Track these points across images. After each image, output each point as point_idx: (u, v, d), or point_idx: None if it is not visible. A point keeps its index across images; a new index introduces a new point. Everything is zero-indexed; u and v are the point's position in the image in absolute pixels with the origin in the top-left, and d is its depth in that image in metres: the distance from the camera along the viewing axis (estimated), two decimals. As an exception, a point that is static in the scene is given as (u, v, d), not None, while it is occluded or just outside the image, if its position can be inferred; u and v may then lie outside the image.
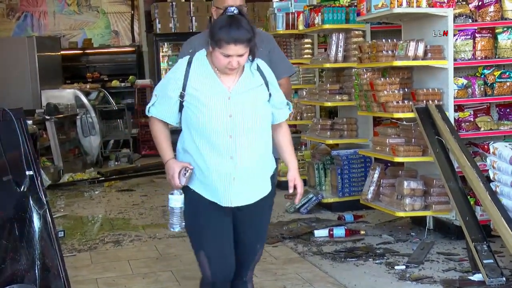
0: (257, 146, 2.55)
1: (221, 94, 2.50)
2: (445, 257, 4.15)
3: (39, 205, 2.64)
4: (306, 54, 6.45)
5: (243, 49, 2.42)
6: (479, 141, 4.69)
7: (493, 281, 3.54)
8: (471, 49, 4.58)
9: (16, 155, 2.63)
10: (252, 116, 2.51)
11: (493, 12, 4.59)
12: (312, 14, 5.92)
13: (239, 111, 2.50)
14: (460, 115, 4.64)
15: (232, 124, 2.48)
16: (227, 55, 2.41)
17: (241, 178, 2.52)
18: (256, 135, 2.54)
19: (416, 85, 4.77)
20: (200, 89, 2.50)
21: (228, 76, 2.52)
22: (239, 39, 2.39)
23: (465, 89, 4.59)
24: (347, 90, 5.51)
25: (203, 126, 2.49)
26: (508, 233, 3.64)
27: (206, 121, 2.48)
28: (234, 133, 2.48)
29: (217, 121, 2.48)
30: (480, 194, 3.91)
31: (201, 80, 2.52)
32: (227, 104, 2.49)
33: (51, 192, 6.80)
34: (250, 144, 2.52)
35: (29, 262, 2.53)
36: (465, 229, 3.86)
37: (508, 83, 4.65)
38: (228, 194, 2.52)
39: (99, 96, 9.50)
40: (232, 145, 2.49)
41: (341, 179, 5.49)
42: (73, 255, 4.60)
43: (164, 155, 2.59)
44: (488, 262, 3.64)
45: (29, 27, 10.61)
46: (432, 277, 3.78)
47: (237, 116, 2.49)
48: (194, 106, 2.50)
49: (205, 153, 2.51)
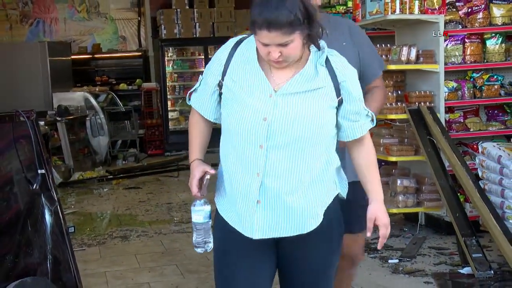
0: (299, 164, 1.81)
1: (263, 90, 1.81)
2: (436, 251, 4.15)
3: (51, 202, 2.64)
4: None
5: (282, 36, 1.68)
6: (469, 141, 4.70)
7: (482, 274, 3.54)
8: (461, 53, 4.59)
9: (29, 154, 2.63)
10: (299, 125, 1.78)
11: (481, 18, 4.59)
12: (310, 21, 5.91)
13: (280, 116, 1.79)
14: (450, 117, 4.64)
15: (266, 131, 1.79)
16: (263, 43, 1.73)
17: (269, 203, 1.83)
18: (301, 150, 1.80)
19: (409, 87, 4.77)
20: (238, 81, 1.84)
21: (282, 70, 1.81)
22: (274, 22, 1.66)
23: (455, 91, 4.60)
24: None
25: (232, 129, 1.85)
26: (496, 228, 3.64)
27: (235, 122, 1.83)
28: (268, 143, 1.79)
29: (248, 124, 1.80)
30: (469, 192, 3.91)
31: (243, 70, 1.85)
32: (265, 104, 1.80)
33: (62, 190, 6.80)
34: (288, 161, 1.80)
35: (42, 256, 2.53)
36: (455, 224, 3.87)
37: (495, 86, 4.65)
38: (250, 222, 1.84)
39: (108, 98, 9.50)
40: (262, 158, 1.80)
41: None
42: (82, 250, 4.60)
43: (190, 155, 1.98)
44: (477, 256, 3.64)
45: (41, 32, 10.61)
46: (424, 270, 3.78)
47: (275, 121, 1.78)
48: (228, 101, 1.86)
49: (231, 166, 1.88)
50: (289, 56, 1.76)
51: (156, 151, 9.56)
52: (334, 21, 2.26)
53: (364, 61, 2.30)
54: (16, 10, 10.50)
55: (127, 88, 10.33)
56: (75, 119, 8.18)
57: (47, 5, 10.59)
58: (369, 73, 2.37)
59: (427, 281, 3.61)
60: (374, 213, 1.93)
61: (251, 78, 1.83)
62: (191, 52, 10.26)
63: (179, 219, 5.46)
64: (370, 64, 2.35)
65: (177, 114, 10.13)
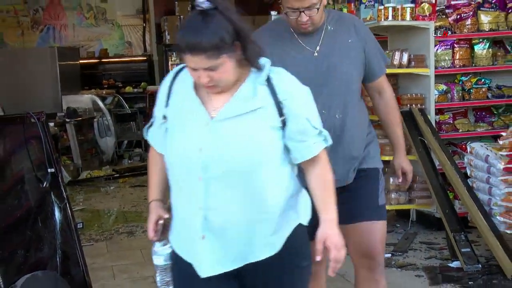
0: (243, 194, 1.59)
1: (199, 118, 1.62)
2: (427, 246, 4.15)
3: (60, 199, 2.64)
4: (301, 63, 6.45)
5: (207, 60, 1.51)
6: (458, 141, 4.70)
7: (470, 268, 3.54)
8: (450, 58, 4.59)
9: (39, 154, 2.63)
10: (236, 151, 1.57)
11: (470, 25, 4.59)
12: (306, 27, 5.91)
13: (216, 144, 1.58)
14: (440, 118, 4.64)
15: (203, 161, 1.58)
16: (191, 68, 1.56)
17: (215, 238, 1.61)
18: (243, 179, 1.58)
19: (401, 90, 4.77)
20: (176, 111, 1.67)
21: (220, 94, 1.62)
22: (196, 46, 1.50)
23: (445, 94, 4.60)
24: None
25: (172, 162, 1.67)
26: (484, 224, 3.65)
27: (172, 154, 1.66)
28: (206, 174, 1.58)
29: (183, 155, 1.62)
30: (458, 189, 3.92)
31: (181, 99, 1.67)
32: (201, 133, 1.60)
33: (71, 188, 6.79)
34: (230, 192, 1.59)
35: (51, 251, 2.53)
36: (445, 221, 3.87)
37: (483, 89, 4.65)
38: (198, 259, 1.64)
39: (114, 100, 9.51)
40: (201, 190, 1.59)
41: (333, 175, 5.49)
42: (90, 245, 4.60)
43: (148, 194, 1.80)
44: (466, 250, 3.64)
45: (51, 38, 10.61)
46: (415, 264, 3.78)
47: (210, 150, 1.58)
48: (168, 133, 1.69)
49: (175, 200, 1.69)
50: (221, 81, 1.56)
51: (160, 151, 9.55)
52: (340, 18, 2.22)
53: (369, 58, 2.21)
54: (28, 17, 10.50)
55: (133, 91, 10.33)
56: (83, 121, 8.17)
57: (57, 12, 10.58)
58: (374, 70, 2.25)
59: (418, 275, 3.61)
60: (324, 233, 1.65)
61: (188, 106, 1.64)
62: (194, 56, 10.24)
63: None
64: (375, 61, 2.23)
65: (181, 116, 10.11)
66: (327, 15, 2.18)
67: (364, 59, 2.19)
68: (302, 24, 2.06)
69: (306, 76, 1.97)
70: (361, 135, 2.24)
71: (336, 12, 2.33)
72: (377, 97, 2.33)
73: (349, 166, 2.20)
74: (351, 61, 2.16)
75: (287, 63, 1.95)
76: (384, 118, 2.37)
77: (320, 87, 2.08)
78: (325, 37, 2.15)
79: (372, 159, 2.27)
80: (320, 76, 2.12)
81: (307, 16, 2.04)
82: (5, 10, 10.29)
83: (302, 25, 2.07)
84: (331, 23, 2.17)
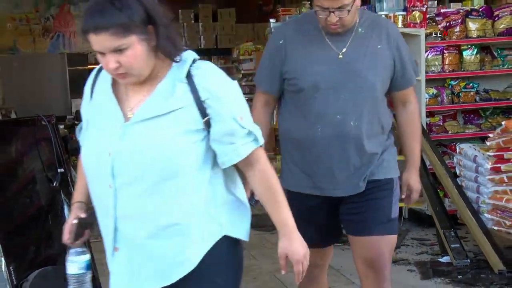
0: (156, 204, 1.38)
1: (113, 121, 1.41)
2: (418, 242, 4.15)
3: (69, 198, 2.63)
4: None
5: (112, 39, 1.30)
6: (447, 142, 4.69)
7: (459, 263, 3.54)
8: (440, 63, 4.59)
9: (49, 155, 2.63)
10: (146, 157, 1.36)
11: (458, 31, 4.59)
12: (303, 34, 5.91)
13: (125, 149, 1.37)
14: (431, 120, 4.64)
15: (110, 167, 1.38)
16: (98, 52, 1.34)
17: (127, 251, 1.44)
18: (155, 187, 1.37)
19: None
20: (95, 111, 1.47)
21: (137, 91, 1.41)
22: (100, 24, 1.30)
23: (435, 97, 4.60)
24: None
25: (84, 165, 1.48)
26: (472, 221, 3.65)
27: (84, 159, 1.47)
28: (115, 180, 1.38)
29: (93, 161, 1.42)
30: (448, 188, 3.91)
31: (99, 99, 1.47)
32: (112, 136, 1.39)
33: (80, 187, 6.76)
34: (140, 200, 1.38)
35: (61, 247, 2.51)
36: (435, 218, 3.86)
37: (471, 93, 4.65)
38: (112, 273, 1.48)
39: (121, 104, 9.49)
40: (111, 198, 1.40)
41: (329, 175, 5.48)
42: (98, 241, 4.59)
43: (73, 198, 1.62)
44: (455, 246, 3.64)
45: (61, 45, 10.61)
46: (407, 260, 3.77)
47: (119, 155, 1.37)
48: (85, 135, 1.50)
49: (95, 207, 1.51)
50: (131, 67, 1.33)
51: (165, 152, 9.54)
52: (373, 21, 2.01)
53: (398, 68, 2.01)
54: (39, 25, 10.51)
55: (139, 94, 10.31)
56: (91, 123, 8.16)
57: (66, 20, 10.59)
58: (402, 81, 2.06)
59: (410, 269, 3.61)
60: (284, 249, 1.47)
61: (105, 107, 1.43)
62: (196, 62, 10.25)
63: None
64: (404, 72, 2.03)
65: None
66: (360, 16, 1.99)
67: (393, 68, 2.00)
68: (332, 25, 1.88)
69: (327, 77, 1.94)
70: (377, 146, 2.03)
71: (370, 15, 2.12)
72: (401, 108, 2.14)
73: (360, 175, 2.00)
74: (377, 69, 1.97)
75: (310, 61, 1.91)
76: (403, 130, 2.17)
77: (339, 91, 1.94)
78: (354, 39, 1.96)
79: (386, 169, 2.06)
80: (341, 80, 1.95)
81: (337, 17, 1.86)
82: (18, 18, 10.31)
83: (331, 26, 1.89)
84: (363, 25, 1.99)
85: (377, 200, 2.02)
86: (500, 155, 3.53)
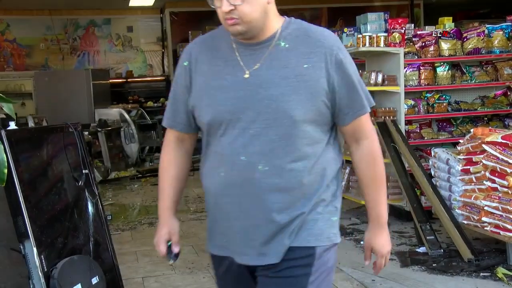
0: None
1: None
2: (398, 234, 4.15)
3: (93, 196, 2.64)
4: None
5: None
6: (424, 147, 4.70)
7: (434, 253, 3.54)
8: (417, 78, 4.60)
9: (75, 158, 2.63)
10: None
11: (433, 50, 4.61)
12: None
13: None
14: (409, 128, 4.65)
15: None
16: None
17: None
18: None
19: (376, 105, 4.74)
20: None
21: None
22: None
23: (413, 108, 4.61)
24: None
25: None
26: (445, 216, 3.65)
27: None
28: None
29: None
30: (424, 187, 3.92)
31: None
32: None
33: (102, 186, 6.78)
34: None
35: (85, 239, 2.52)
36: (413, 213, 3.86)
37: (444, 104, 4.67)
38: None
39: (138, 113, 9.50)
40: None
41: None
42: (118, 233, 4.59)
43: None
44: (430, 238, 3.63)
45: (86, 62, 10.65)
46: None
47: None
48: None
49: None
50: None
51: (176, 155, 9.53)
52: (303, 33, 1.30)
53: (343, 94, 1.31)
54: (67, 45, 10.58)
55: (153, 105, 10.33)
56: (112, 130, 8.17)
57: (91, 40, 10.66)
58: (346, 110, 1.34)
59: (391, 258, 3.60)
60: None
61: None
62: (204, 77, 10.26)
63: (194, 209, 5.44)
64: (352, 100, 1.33)
65: (193, 126, 10.12)
66: (284, 26, 1.31)
67: (330, 94, 1.29)
68: (227, 19, 1.24)
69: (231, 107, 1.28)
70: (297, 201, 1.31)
71: (302, 25, 1.33)
72: (354, 146, 1.40)
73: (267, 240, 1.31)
74: (300, 95, 1.26)
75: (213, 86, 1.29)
76: (361, 176, 1.41)
77: (246, 124, 1.28)
78: (272, 55, 1.28)
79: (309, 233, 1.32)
80: (247, 109, 1.27)
81: (231, 5, 1.22)
82: (50, 39, 10.45)
83: (227, 21, 1.24)
84: (287, 38, 1.29)
85: (287, 279, 1.30)
86: (469, 159, 3.54)
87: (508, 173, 3.18)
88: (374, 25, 4.50)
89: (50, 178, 2.47)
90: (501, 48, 4.64)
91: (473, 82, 4.71)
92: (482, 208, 3.39)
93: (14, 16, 10.15)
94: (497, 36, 4.65)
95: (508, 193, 3.21)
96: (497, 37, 4.65)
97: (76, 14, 10.51)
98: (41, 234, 2.25)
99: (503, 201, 3.24)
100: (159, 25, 10.86)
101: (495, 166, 3.25)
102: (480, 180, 3.44)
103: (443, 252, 3.55)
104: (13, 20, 10.22)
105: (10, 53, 10.32)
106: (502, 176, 3.23)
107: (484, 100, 4.80)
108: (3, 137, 2.18)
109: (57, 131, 2.60)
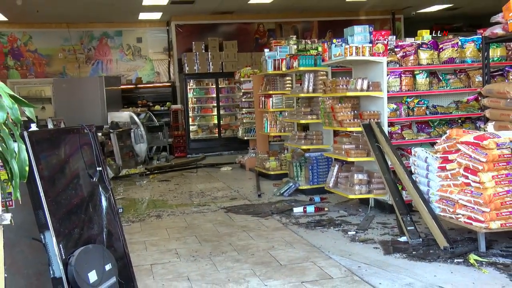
0: None
1: None
2: (382, 225, 4.16)
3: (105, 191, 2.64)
4: (287, 87, 6.47)
5: None
6: (405, 146, 4.71)
7: (414, 241, 3.55)
8: (399, 84, 4.61)
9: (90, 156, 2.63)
10: None
11: (412, 60, 4.62)
12: (291, 60, 5.94)
13: None
14: (392, 129, 4.66)
15: None
16: None
17: None
18: None
19: (362, 108, 4.79)
20: None
21: None
22: None
23: (395, 111, 4.62)
24: (316, 112, 5.53)
25: None
26: (424, 209, 3.66)
27: None
28: None
29: None
30: (405, 183, 3.93)
31: None
32: None
33: (114, 182, 6.78)
34: None
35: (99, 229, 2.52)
36: (395, 206, 3.87)
37: (423, 108, 4.68)
38: None
39: (146, 116, 9.50)
40: None
41: (312, 173, 5.50)
42: (128, 225, 4.59)
43: None
44: (410, 228, 3.65)
45: (100, 70, 10.65)
46: (373, 239, 3.78)
47: None
48: None
49: None
50: None
51: (181, 154, 9.54)
52: None
53: None
54: (83, 54, 10.59)
55: (160, 108, 10.34)
56: (123, 131, 8.16)
57: (104, 50, 10.67)
58: None
59: (376, 247, 3.61)
60: None
61: None
62: (206, 83, 10.28)
63: (197, 203, 5.44)
64: None
65: (196, 127, 10.15)
66: None
67: None
68: None
69: None
70: None
71: None
72: None
73: None
74: None
75: None
76: None
77: None
78: None
79: None
80: None
81: None
82: (67, 49, 10.51)
83: None
84: None
85: None
86: (445, 157, 3.55)
87: (480, 170, 3.20)
88: (360, 36, 4.51)
89: (67, 175, 2.47)
90: (472, 58, 4.67)
91: (449, 88, 4.73)
92: (457, 201, 3.40)
93: (36, 29, 10.24)
94: (469, 47, 4.68)
95: (480, 188, 3.23)
96: (469, 48, 4.68)
97: (91, 26, 10.51)
98: (60, 225, 2.25)
99: (475, 195, 3.25)
100: (165, 36, 10.87)
101: (468, 163, 3.27)
102: (455, 176, 3.45)
103: (422, 241, 3.56)
104: (34, 32, 10.29)
105: (31, 62, 10.36)
106: (474, 173, 3.25)
107: (458, 104, 4.82)
108: (25, 138, 2.17)
109: (73, 132, 2.60)
